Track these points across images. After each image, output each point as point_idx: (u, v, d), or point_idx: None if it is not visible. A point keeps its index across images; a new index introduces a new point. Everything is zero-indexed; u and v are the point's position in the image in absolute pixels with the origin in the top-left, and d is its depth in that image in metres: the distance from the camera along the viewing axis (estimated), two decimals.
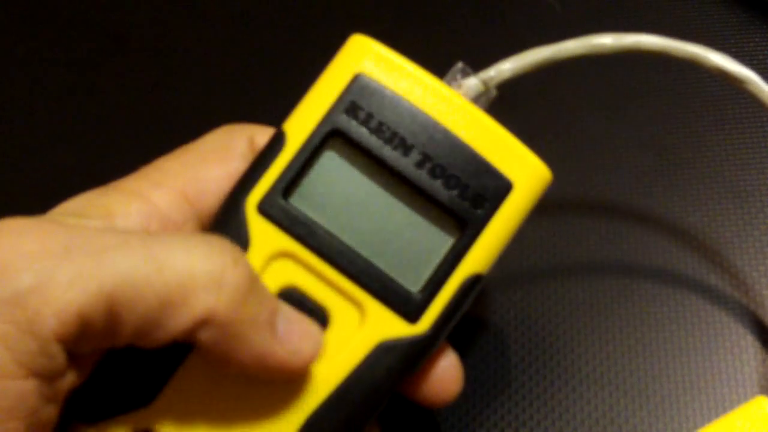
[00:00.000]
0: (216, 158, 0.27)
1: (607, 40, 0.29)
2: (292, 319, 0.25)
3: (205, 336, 0.23)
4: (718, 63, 0.29)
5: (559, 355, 0.34)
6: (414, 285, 0.27)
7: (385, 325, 0.26)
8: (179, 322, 0.22)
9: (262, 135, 0.28)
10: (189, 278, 0.22)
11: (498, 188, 0.27)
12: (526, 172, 0.27)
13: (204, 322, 0.23)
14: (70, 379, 0.23)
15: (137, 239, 0.22)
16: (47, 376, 0.22)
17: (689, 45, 0.29)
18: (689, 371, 0.33)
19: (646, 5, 0.41)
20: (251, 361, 0.24)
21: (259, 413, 0.26)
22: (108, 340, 0.23)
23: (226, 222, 0.26)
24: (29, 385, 0.21)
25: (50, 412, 0.23)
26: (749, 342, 0.33)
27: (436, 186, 0.26)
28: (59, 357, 0.22)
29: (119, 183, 0.27)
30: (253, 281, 0.24)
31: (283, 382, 0.26)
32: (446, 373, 0.28)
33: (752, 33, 0.40)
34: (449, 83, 0.28)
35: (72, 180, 0.39)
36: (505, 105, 0.28)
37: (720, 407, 0.32)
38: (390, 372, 0.26)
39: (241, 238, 0.26)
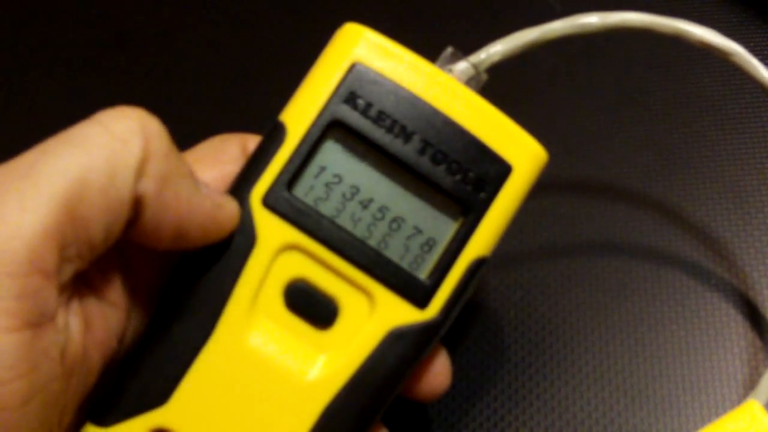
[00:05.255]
0: (208, 162, 0.27)
1: (593, 19, 0.29)
2: (208, 185, 0.26)
3: (145, 186, 0.23)
4: (702, 36, 0.29)
5: (559, 354, 0.34)
6: (421, 271, 0.27)
7: (395, 313, 0.26)
8: (127, 179, 0.23)
9: (253, 142, 0.28)
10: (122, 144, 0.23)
11: (498, 171, 0.27)
12: (524, 155, 0.27)
13: (143, 171, 0.23)
14: (74, 353, 0.23)
15: (52, 144, 0.23)
16: (40, 322, 0.21)
17: (673, 20, 0.29)
18: (689, 371, 0.33)
19: (646, 4, 0.41)
20: (185, 211, 0.24)
21: (274, 408, 0.26)
22: (91, 247, 0.23)
23: None
24: (25, 337, 0.21)
25: (58, 388, 0.22)
26: (749, 341, 0.33)
27: (439, 172, 0.27)
28: (46, 291, 0.21)
29: None
30: (170, 139, 0.24)
31: (216, 237, 0.26)
32: (437, 368, 0.28)
33: (740, 18, 0.40)
34: (440, 68, 0.28)
35: None
36: (504, 105, 0.28)
37: (720, 407, 0.32)
38: (402, 359, 0.27)
39: (247, 233, 0.26)
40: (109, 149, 0.23)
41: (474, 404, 0.33)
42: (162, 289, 0.27)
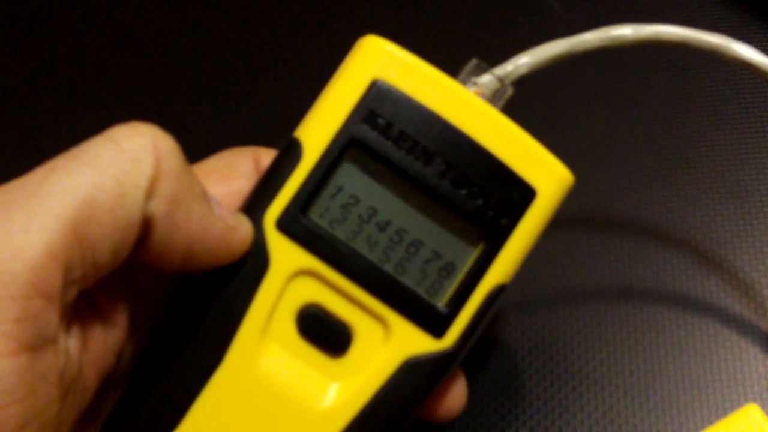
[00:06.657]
0: (219, 177, 0.27)
1: (626, 32, 0.27)
2: (222, 205, 0.25)
3: (155, 207, 0.23)
4: (741, 54, 0.28)
5: (560, 355, 0.34)
6: (439, 298, 0.26)
7: (411, 342, 0.26)
8: (137, 199, 0.22)
9: (267, 156, 0.27)
10: (133, 165, 0.22)
11: (522, 196, 0.26)
12: (548, 178, 0.26)
13: (153, 191, 0.23)
14: (71, 373, 0.23)
15: (62, 161, 0.22)
16: (40, 345, 0.21)
17: (711, 35, 0.28)
18: (689, 371, 0.33)
19: (646, 3, 0.41)
20: (196, 233, 0.24)
21: None
22: (96, 268, 0.22)
23: None
24: (24, 361, 0.20)
25: (56, 410, 0.22)
26: (749, 342, 0.33)
27: (460, 196, 0.26)
28: (47, 314, 0.21)
29: None
30: (184, 158, 0.24)
31: (227, 260, 0.25)
32: (452, 392, 0.28)
33: (741, 19, 0.40)
34: (464, 81, 0.27)
35: None
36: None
37: (720, 407, 0.32)
38: (417, 389, 0.26)
39: (260, 257, 0.25)
40: (120, 168, 0.22)
41: (473, 405, 0.33)
42: (165, 307, 0.26)
